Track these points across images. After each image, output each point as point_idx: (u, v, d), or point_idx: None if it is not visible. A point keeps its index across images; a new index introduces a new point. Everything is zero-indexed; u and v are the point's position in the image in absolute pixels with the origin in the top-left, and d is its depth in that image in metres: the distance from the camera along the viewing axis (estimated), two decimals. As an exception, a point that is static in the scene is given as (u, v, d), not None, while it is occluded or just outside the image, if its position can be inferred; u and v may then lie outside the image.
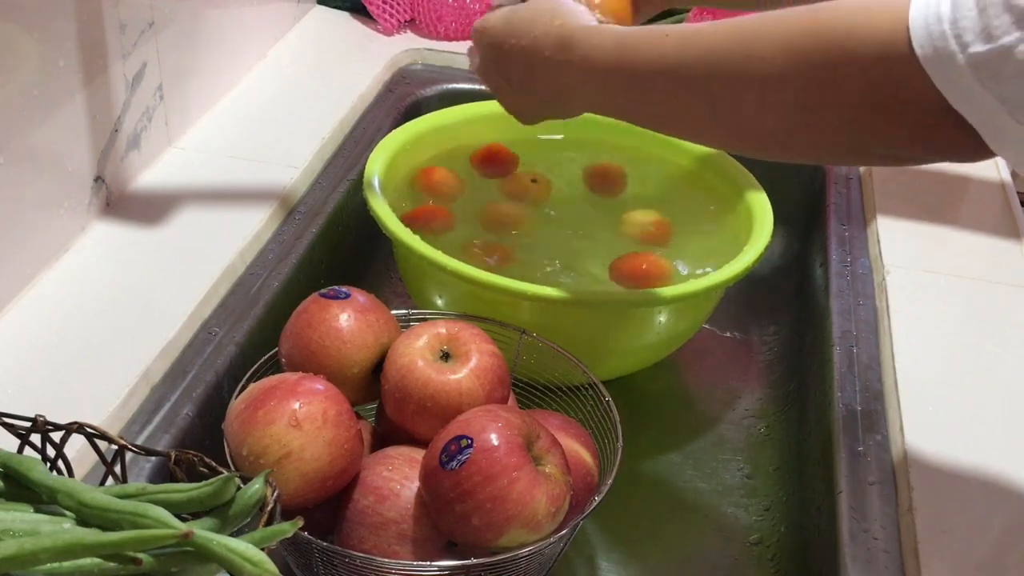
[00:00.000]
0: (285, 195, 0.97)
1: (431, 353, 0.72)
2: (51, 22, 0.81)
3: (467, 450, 0.64)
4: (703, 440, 0.94)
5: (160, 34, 0.96)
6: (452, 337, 0.72)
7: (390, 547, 0.66)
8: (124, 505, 0.51)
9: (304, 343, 0.73)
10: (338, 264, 1.00)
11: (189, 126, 1.04)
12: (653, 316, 0.87)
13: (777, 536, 0.85)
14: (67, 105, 0.84)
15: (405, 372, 0.71)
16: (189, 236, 0.90)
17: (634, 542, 0.83)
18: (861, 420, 0.80)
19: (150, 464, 0.72)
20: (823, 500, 0.78)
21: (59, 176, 0.85)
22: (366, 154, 0.99)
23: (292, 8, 1.25)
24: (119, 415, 0.74)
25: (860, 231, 1.01)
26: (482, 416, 0.66)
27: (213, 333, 0.83)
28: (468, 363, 0.71)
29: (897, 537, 0.71)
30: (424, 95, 1.20)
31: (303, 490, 0.65)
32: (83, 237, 0.88)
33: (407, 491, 0.67)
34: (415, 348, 0.71)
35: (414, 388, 0.70)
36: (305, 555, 0.68)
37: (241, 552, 0.50)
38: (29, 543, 0.48)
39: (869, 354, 0.86)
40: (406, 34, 1.28)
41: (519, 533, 0.64)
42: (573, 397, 0.80)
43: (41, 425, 0.60)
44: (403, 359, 0.71)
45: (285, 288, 0.90)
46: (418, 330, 0.73)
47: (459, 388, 0.70)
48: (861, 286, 0.94)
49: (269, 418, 0.66)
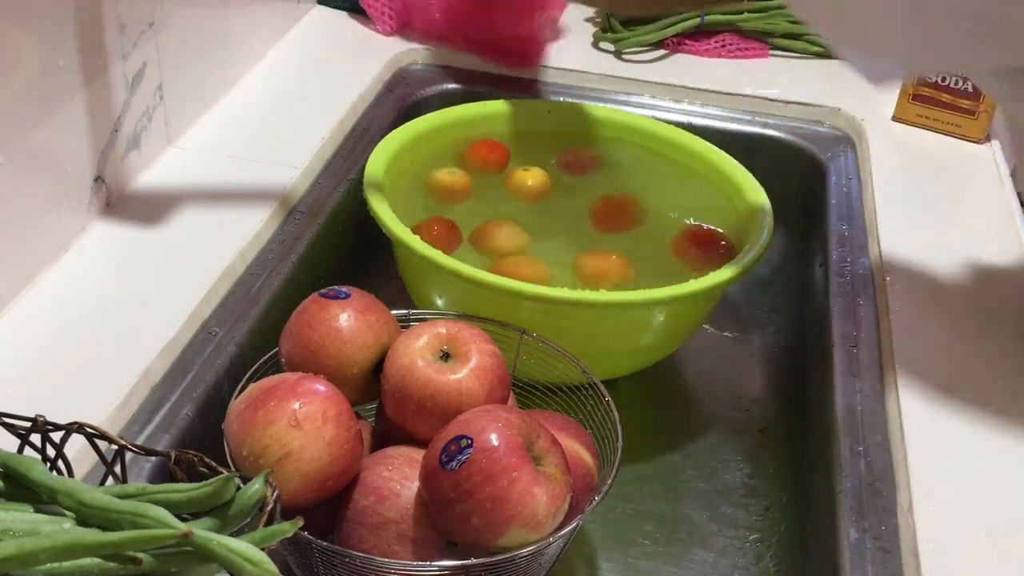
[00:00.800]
0: (285, 195, 0.97)
1: (431, 353, 0.71)
2: (51, 22, 0.81)
3: (467, 450, 0.64)
4: (703, 440, 0.94)
5: (160, 34, 0.96)
6: (452, 337, 0.72)
7: (390, 547, 0.66)
8: (124, 505, 0.51)
9: (304, 343, 0.73)
10: (338, 264, 1.00)
11: (189, 126, 1.04)
12: (653, 316, 0.87)
13: (777, 536, 0.85)
14: (67, 105, 0.84)
15: (405, 372, 0.71)
16: (189, 236, 0.90)
17: (634, 542, 0.83)
18: (861, 420, 0.80)
19: (150, 464, 0.72)
20: (823, 500, 0.78)
21: (59, 176, 0.85)
22: (366, 154, 0.99)
23: (292, 8, 1.25)
24: (119, 415, 0.74)
25: (860, 231, 1.01)
26: (482, 416, 0.66)
27: (213, 333, 0.83)
28: (468, 363, 0.71)
29: (897, 537, 0.71)
30: (424, 95, 1.20)
31: (303, 490, 0.65)
32: (83, 237, 0.88)
33: (407, 491, 0.67)
34: (415, 348, 0.71)
35: (414, 388, 0.70)
36: (305, 555, 0.68)
37: (241, 552, 0.50)
38: (29, 543, 0.48)
39: (869, 354, 0.86)
40: (406, 34, 1.27)
41: (519, 533, 0.64)
42: (573, 397, 0.80)
43: (41, 425, 0.60)
44: (403, 359, 0.71)
45: (285, 288, 0.90)
46: (418, 330, 0.73)
47: (459, 388, 0.70)
48: (861, 286, 0.94)
49: (269, 418, 0.66)
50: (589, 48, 1.27)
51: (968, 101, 1.11)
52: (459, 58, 1.23)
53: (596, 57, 1.25)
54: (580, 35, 1.29)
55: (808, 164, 1.14)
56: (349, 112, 1.11)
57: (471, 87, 1.20)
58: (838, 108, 1.17)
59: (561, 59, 1.23)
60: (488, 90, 1.18)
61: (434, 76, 1.23)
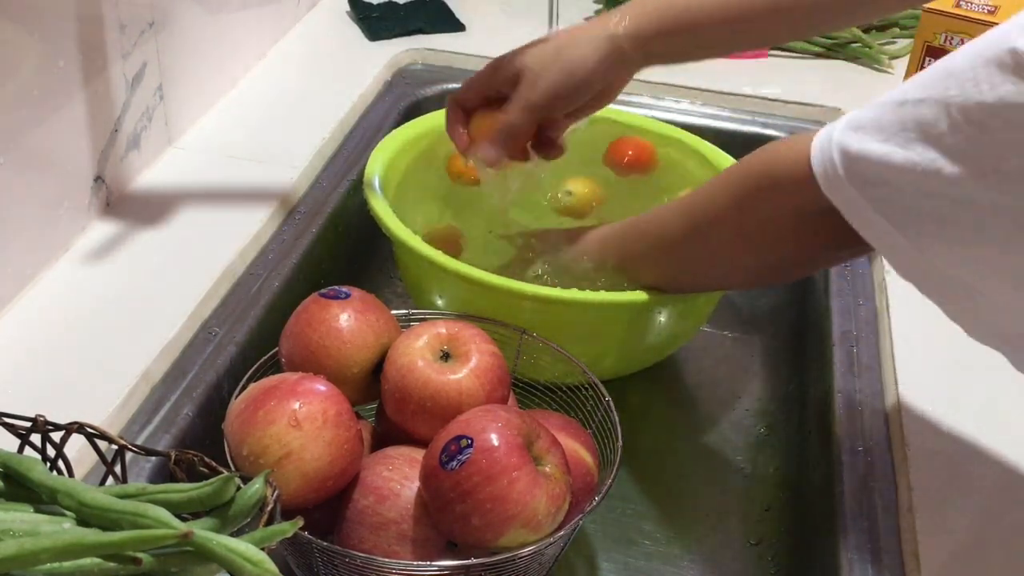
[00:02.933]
0: (285, 195, 0.97)
1: (431, 353, 0.72)
2: (51, 22, 0.81)
3: (467, 450, 0.64)
4: (703, 440, 0.94)
5: (160, 34, 0.96)
6: (452, 337, 0.72)
7: (390, 547, 0.66)
8: (124, 505, 0.51)
9: (304, 343, 0.73)
10: (338, 264, 1.00)
11: (189, 126, 1.04)
12: (653, 316, 0.87)
13: (777, 536, 0.85)
14: (67, 105, 0.84)
15: (405, 372, 0.71)
16: (189, 236, 0.90)
17: (634, 542, 0.83)
18: (861, 420, 0.80)
19: (150, 464, 0.72)
20: (823, 500, 0.78)
21: (59, 176, 0.85)
22: (366, 154, 0.99)
23: (292, 8, 1.25)
24: (119, 415, 0.74)
25: (860, 231, 1.01)
26: (482, 416, 0.66)
27: (213, 333, 0.83)
28: (468, 363, 0.71)
29: (897, 537, 0.71)
30: (424, 95, 1.20)
31: (303, 490, 0.65)
32: (83, 237, 0.88)
33: (407, 491, 0.67)
34: (415, 348, 0.71)
35: (414, 388, 0.70)
36: (305, 555, 0.68)
37: (241, 552, 0.50)
38: (29, 543, 0.48)
39: (869, 354, 0.86)
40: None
41: (519, 533, 0.64)
42: (573, 397, 0.80)
43: (41, 425, 0.60)
44: (403, 359, 0.71)
45: (285, 288, 0.90)
46: (418, 330, 0.73)
47: (459, 388, 0.70)
48: (861, 286, 0.94)
49: (269, 418, 0.66)
50: (589, 48, 1.27)
51: (968, 101, 1.11)
52: (459, 58, 1.24)
53: (596, 57, 1.25)
54: (580, 35, 1.29)
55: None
56: (349, 112, 1.11)
57: (471, 87, 1.20)
58: (838, 108, 1.17)
59: (561, 59, 1.23)
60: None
61: (434, 76, 1.23)
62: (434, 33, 1.27)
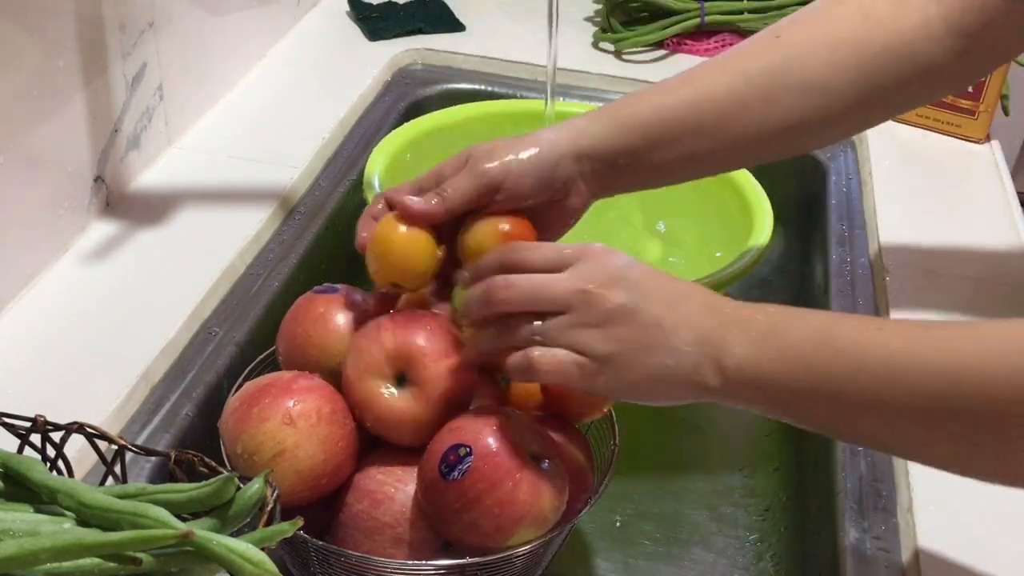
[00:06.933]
0: (285, 195, 0.97)
1: (381, 377, 0.67)
2: (51, 22, 0.81)
3: (467, 458, 0.63)
4: (703, 440, 0.94)
5: (160, 34, 0.96)
6: (399, 353, 0.67)
7: (386, 551, 0.66)
8: (124, 505, 0.51)
9: (291, 336, 0.73)
10: (337, 264, 1.00)
11: (189, 126, 1.04)
12: (653, 316, 0.87)
13: (777, 536, 0.85)
14: (67, 105, 0.84)
15: (363, 406, 0.67)
16: (189, 236, 0.90)
17: (634, 542, 0.83)
18: (861, 420, 0.80)
19: (150, 464, 0.72)
20: (823, 500, 0.78)
21: (59, 176, 0.85)
22: (366, 154, 0.99)
23: (292, 8, 1.25)
24: (119, 415, 0.74)
25: (860, 231, 1.01)
26: (475, 421, 0.65)
27: (213, 333, 0.83)
28: (421, 386, 0.66)
29: (897, 537, 0.71)
30: (424, 95, 1.20)
31: (298, 488, 0.65)
32: (83, 237, 0.88)
33: (401, 495, 0.66)
34: (364, 371, 0.67)
35: (370, 420, 0.67)
36: (301, 554, 0.68)
37: (241, 552, 0.50)
38: (29, 543, 0.48)
39: (869, 354, 0.86)
40: (406, 34, 1.28)
41: (527, 531, 0.64)
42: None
43: (41, 425, 0.60)
44: (357, 391, 0.67)
45: (285, 288, 0.90)
46: (364, 343, 0.68)
47: (415, 417, 0.66)
48: (861, 286, 0.94)
49: (263, 415, 0.65)
50: (589, 48, 1.27)
51: (968, 101, 1.11)
52: (459, 58, 1.24)
53: (596, 57, 1.25)
54: (580, 35, 1.29)
55: (808, 164, 1.13)
56: (349, 112, 1.11)
57: (471, 87, 1.20)
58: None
59: (561, 59, 1.23)
60: (489, 90, 1.18)
61: (434, 76, 1.23)
62: (434, 33, 1.27)
